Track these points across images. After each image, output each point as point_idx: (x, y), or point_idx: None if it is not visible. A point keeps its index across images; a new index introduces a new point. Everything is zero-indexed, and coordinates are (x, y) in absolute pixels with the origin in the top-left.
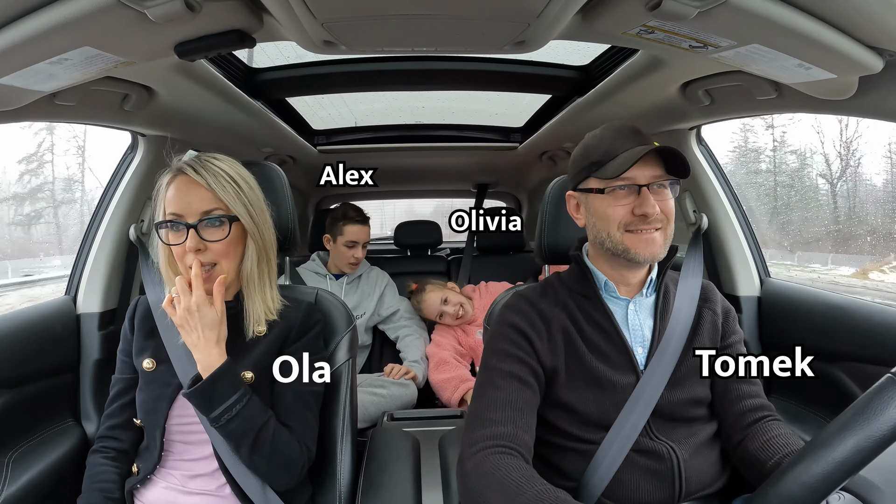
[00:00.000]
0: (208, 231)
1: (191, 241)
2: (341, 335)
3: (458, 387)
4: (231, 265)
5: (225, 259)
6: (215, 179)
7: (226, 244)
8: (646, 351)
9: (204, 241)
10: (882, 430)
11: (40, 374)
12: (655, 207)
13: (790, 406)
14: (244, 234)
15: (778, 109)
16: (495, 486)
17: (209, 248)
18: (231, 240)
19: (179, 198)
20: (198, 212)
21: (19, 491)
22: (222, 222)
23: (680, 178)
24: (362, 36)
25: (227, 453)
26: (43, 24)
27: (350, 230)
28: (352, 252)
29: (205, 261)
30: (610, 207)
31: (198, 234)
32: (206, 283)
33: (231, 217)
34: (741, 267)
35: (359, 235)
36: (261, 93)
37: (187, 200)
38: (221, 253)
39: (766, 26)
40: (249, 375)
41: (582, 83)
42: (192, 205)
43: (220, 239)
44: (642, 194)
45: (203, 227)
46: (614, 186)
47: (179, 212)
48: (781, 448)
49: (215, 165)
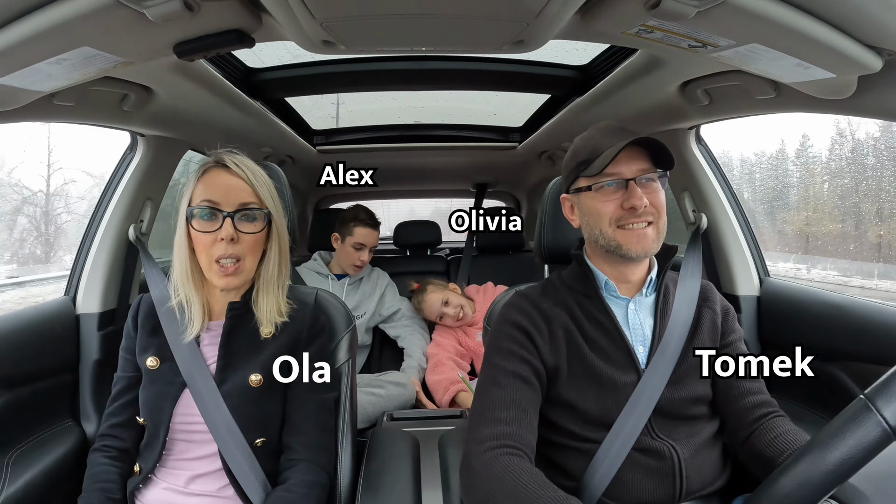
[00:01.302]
0: (243, 223)
1: (227, 230)
2: (341, 335)
3: (447, 388)
4: (254, 264)
5: (251, 255)
6: (254, 175)
7: (255, 239)
8: (646, 350)
9: (238, 231)
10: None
11: (40, 375)
12: (643, 200)
13: (790, 405)
14: (268, 234)
15: (777, 109)
16: (507, 491)
17: (241, 239)
18: (261, 236)
19: (218, 186)
20: (235, 202)
21: (19, 491)
22: (257, 217)
23: (667, 170)
24: (361, 36)
25: (231, 453)
26: (42, 24)
27: (360, 232)
28: (358, 254)
29: (234, 253)
30: (599, 203)
31: (233, 224)
32: (229, 276)
33: (267, 213)
34: (740, 267)
35: (367, 239)
36: (260, 93)
37: (225, 190)
38: (249, 248)
39: (765, 26)
40: (258, 378)
41: (581, 83)
42: (229, 195)
43: (254, 232)
44: (629, 188)
45: (238, 219)
46: (602, 183)
47: (217, 200)
48: (790, 445)
49: (250, 165)
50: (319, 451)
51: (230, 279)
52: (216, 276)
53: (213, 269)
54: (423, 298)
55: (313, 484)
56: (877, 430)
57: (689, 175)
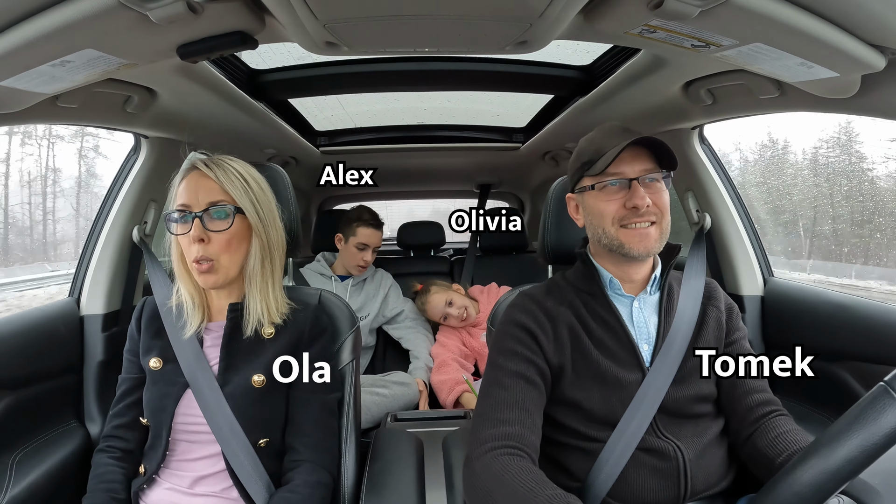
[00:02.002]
0: (213, 222)
1: (195, 230)
2: (345, 336)
3: (452, 388)
4: (233, 262)
5: (225, 254)
6: (224, 174)
7: (228, 237)
8: (651, 348)
9: (207, 230)
10: (874, 439)
11: (44, 376)
12: (646, 199)
13: (794, 405)
14: (249, 232)
15: (780, 108)
16: (506, 489)
17: (212, 239)
18: (234, 233)
19: (189, 190)
20: (204, 202)
21: (23, 492)
22: (227, 214)
23: (671, 170)
24: (364, 37)
25: (234, 454)
26: (45, 26)
27: (363, 233)
28: (362, 255)
29: (207, 254)
30: (602, 203)
31: (202, 224)
32: (204, 275)
33: (235, 208)
34: (744, 266)
35: (371, 239)
36: (263, 94)
37: (195, 192)
38: (223, 247)
39: (768, 25)
40: (261, 378)
41: (584, 83)
42: (199, 196)
43: (223, 230)
44: (632, 187)
45: (208, 218)
46: (605, 182)
47: (187, 202)
48: (791, 445)
49: (227, 163)
50: (322, 451)
51: (207, 277)
52: (197, 275)
53: (194, 269)
54: (426, 299)
55: (317, 484)
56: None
57: (692, 175)
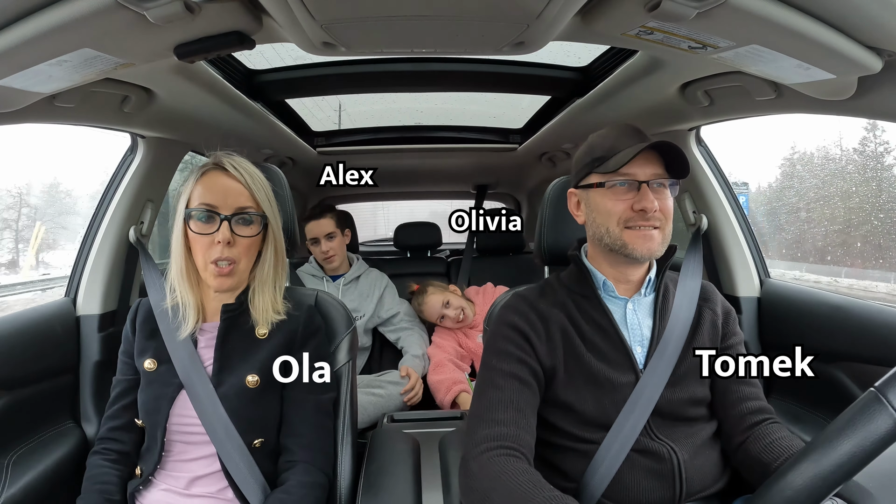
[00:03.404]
0: (240, 227)
1: (224, 233)
2: (341, 337)
3: (450, 388)
4: (248, 266)
5: (245, 257)
6: (252, 180)
7: (251, 242)
8: (645, 350)
9: (235, 235)
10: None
11: (40, 376)
12: (654, 203)
13: (790, 407)
14: (264, 237)
15: (777, 110)
16: (503, 491)
17: (237, 242)
18: (257, 239)
19: (216, 190)
20: (233, 206)
21: (19, 493)
22: (254, 220)
23: (680, 178)
24: (361, 37)
25: (228, 455)
26: (42, 25)
27: (308, 228)
28: (318, 249)
29: (230, 256)
30: (610, 202)
31: (230, 228)
32: (223, 277)
33: (263, 217)
34: (741, 268)
35: (313, 230)
36: (260, 94)
37: (223, 193)
38: (245, 251)
39: (765, 27)
40: (255, 379)
41: (581, 84)
42: (227, 198)
43: (250, 236)
44: (642, 190)
45: (235, 222)
46: (615, 182)
47: (213, 203)
48: (785, 451)
49: (251, 167)
50: (317, 452)
51: (224, 280)
52: (211, 276)
53: (209, 270)
54: (423, 300)
55: (311, 485)
56: (888, 422)
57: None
